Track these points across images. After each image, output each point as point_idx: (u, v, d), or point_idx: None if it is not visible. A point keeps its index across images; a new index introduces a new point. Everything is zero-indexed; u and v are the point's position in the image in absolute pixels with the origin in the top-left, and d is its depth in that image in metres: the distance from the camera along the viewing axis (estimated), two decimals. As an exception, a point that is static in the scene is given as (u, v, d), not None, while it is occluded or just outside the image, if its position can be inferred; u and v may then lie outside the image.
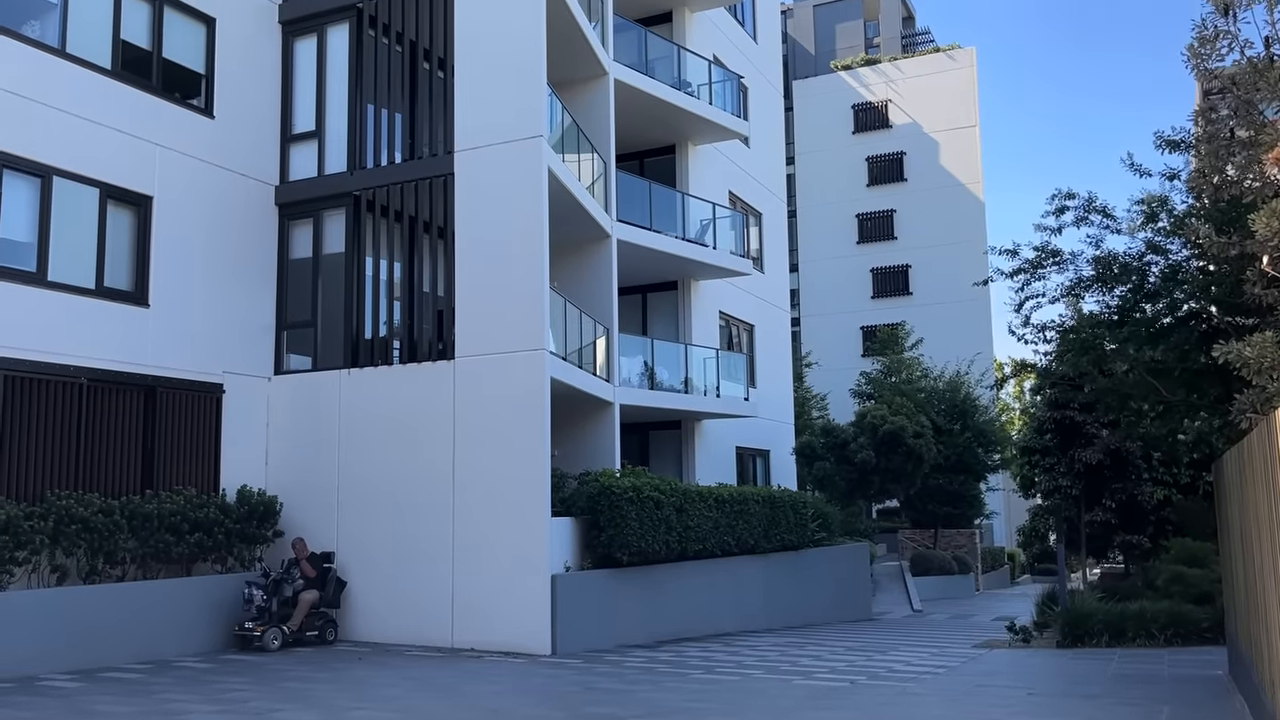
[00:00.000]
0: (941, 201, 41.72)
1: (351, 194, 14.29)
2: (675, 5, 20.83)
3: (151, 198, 12.94)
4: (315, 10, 14.88)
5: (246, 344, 14.05)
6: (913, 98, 42.78)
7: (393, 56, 14.55)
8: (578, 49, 15.91)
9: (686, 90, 19.34)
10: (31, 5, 12.00)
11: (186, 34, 13.74)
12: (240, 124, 14.27)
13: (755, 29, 25.07)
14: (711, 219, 19.88)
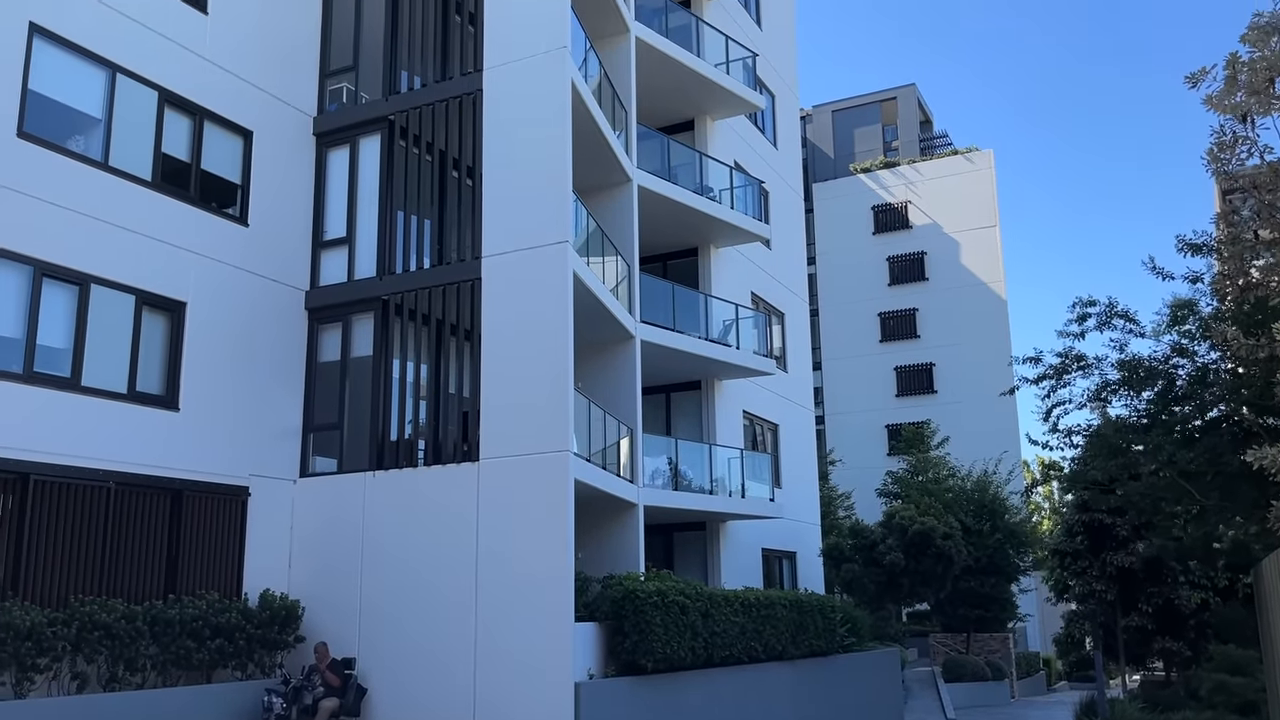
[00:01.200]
0: (963, 300, 41.88)
1: (380, 298, 14.52)
2: (697, 114, 21.37)
3: (185, 304, 13.21)
4: (348, 123, 15.37)
5: (273, 447, 14.14)
6: (932, 199, 43.35)
7: (422, 165, 14.95)
8: (602, 157, 16.30)
9: (708, 195, 19.70)
10: (77, 121, 12.47)
11: (225, 146, 14.21)
12: (273, 231, 14.62)
13: (775, 135, 25.63)
14: (734, 319, 20.03)
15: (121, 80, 12.82)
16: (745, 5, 24.61)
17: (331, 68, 15.88)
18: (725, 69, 20.84)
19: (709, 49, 20.58)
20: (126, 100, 12.88)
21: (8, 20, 11.54)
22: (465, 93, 14.67)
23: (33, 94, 11.77)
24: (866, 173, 44.98)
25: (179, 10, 13.68)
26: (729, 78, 20.61)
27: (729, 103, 21.09)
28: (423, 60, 15.32)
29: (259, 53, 14.83)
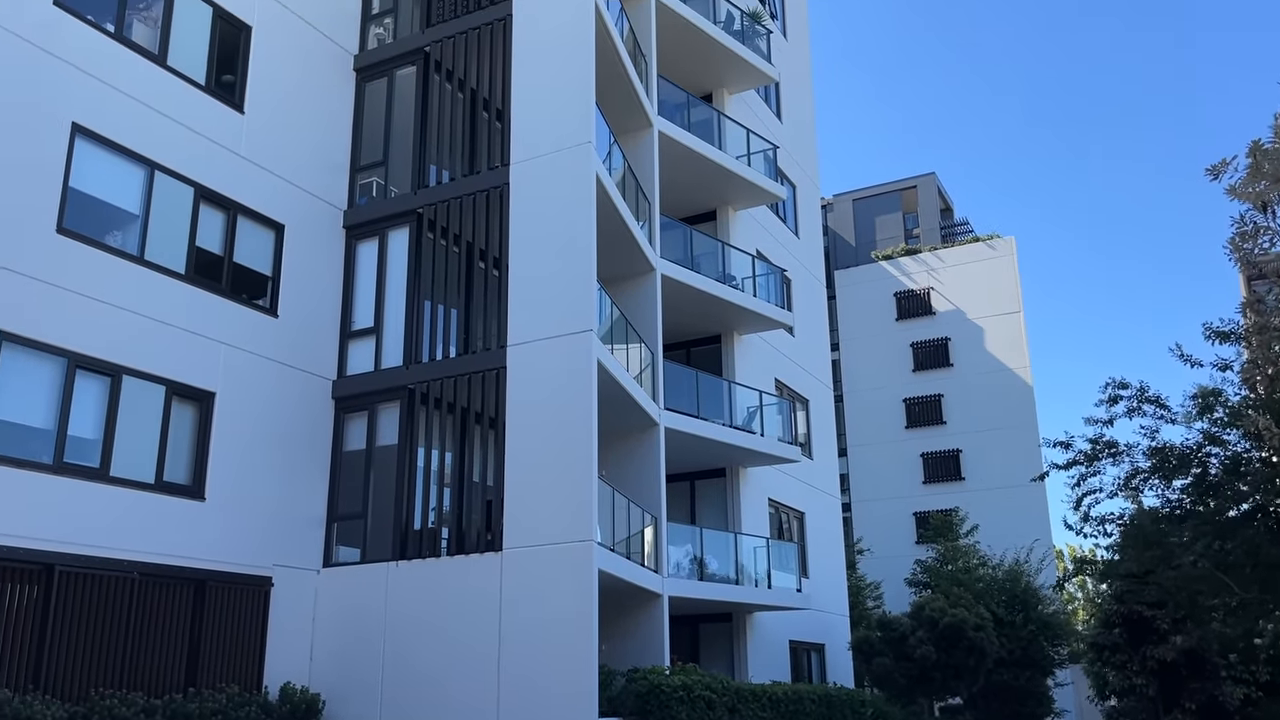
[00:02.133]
0: (989, 386, 41.63)
1: (406, 387, 14.63)
2: (719, 204, 21.69)
3: (214, 394, 13.36)
4: (378, 216, 15.71)
5: (297, 536, 14.12)
6: (954, 285, 43.46)
7: (450, 256, 15.20)
8: (626, 247, 16.53)
9: (731, 283, 19.87)
10: (115, 217, 12.81)
11: (257, 240, 14.53)
12: (302, 322, 14.84)
13: (797, 224, 25.92)
14: (758, 406, 19.99)
15: (159, 177, 13.20)
16: (766, 99, 25.15)
17: (362, 163, 16.30)
18: (746, 161, 21.21)
19: (730, 142, 20.98)
20: (164, 196, 13.24)
21: (52, 121, 11.96)
22: (492, 186, 14.98)
23: (73, 191, 12.13)
24: (888, 259, 45.24)
25: (217, 110, 14.14)
26: (750, 169, 20.96)
27: (751, 193, 21.41)
28: (451, 155, 15.70)
29: (293, 149, 15.25)
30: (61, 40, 12.17)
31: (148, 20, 13.60)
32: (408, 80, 16.33)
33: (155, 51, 13.46)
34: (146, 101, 13.13)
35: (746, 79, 22.35)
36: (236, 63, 14.68)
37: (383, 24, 17.04)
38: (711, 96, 22.38)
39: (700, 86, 22.23)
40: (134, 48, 13.14)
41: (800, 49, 28.33)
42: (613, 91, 16.86)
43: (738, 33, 22.05)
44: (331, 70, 16.25)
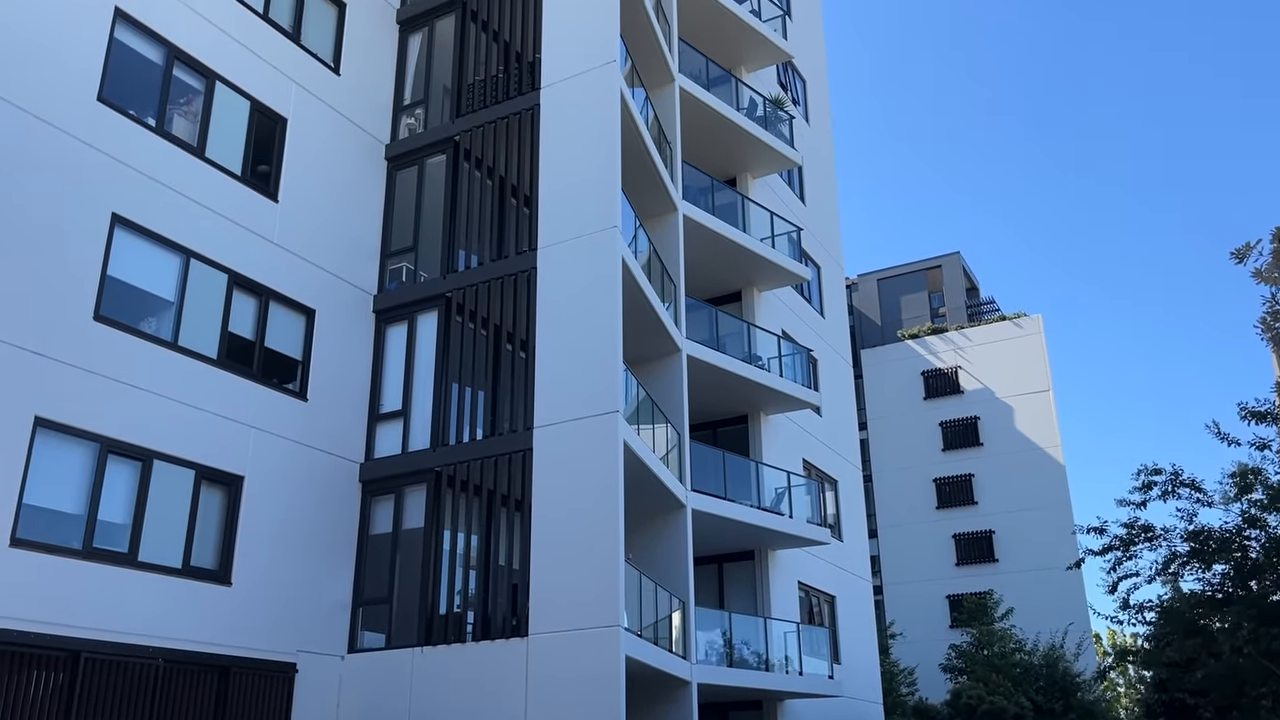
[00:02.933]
0: (1021, 466, 41.09)
1: (433, 470, 14.64)
2: (744, 285, 21.83)
3: (243, 478, 13.43)
4: (407, 300, 15.92)
5: (322, 621, 14.02)
6: (982, 364, 43.24)
7: (478, 339, 15.34)
8: (652, 328, 16.62)
9: (757, 364, 19.88)
10: (151, 304, 13.07)
11: (288, 325, 14.75)
12: (331, 405, 14.96)
13: (822, 304, 26.00)
14: (786, 487, 19.81)
15: (195, 265, 13.49)
16: (789, 182, 25.47)
17: (393, 248, 16.59)
18: (771, 243, 21.40)
19: (755, 224, 21.21)
20: (198, 283, 13.51)
21: (93, 211, 12.30)
22: (520, 270, 15.17)
23: (111, 279, 12.41)
24: (915, 338, 45.17)
25: (252, 199, 14.50)
26: (774, 251, 21.13)
27: (775, 275, 21.55)
28: (479, 240, 15.96)
29: (325, 236, 15.56)
30: (104, 134, 12.58)
31: (188, 114, 14.05)
32: (438, 168, 16.70)
33: (194, 144, 13.88)
34: (184, 192, 13.49)
35: (770, 163, 22.68)
36: (272, 153, 15.09)
37: (414, 114, 17.51)
38: (736, 180, 22.70)
39: (724, 171, 22.57)
40: (174, 140, 13.56)
41: (823, 133, 28.76)
42: (638, 177, 17.14)
43: (760, 119, 22.44)
44: (364, 159, 16.65)
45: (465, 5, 17.29)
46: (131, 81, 13.21)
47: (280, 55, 15.44)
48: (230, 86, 14.54)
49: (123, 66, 13.10)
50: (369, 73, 17.12)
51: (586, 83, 15.56)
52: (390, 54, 17.67)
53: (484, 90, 16.73)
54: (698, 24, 22.14)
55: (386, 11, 17.79)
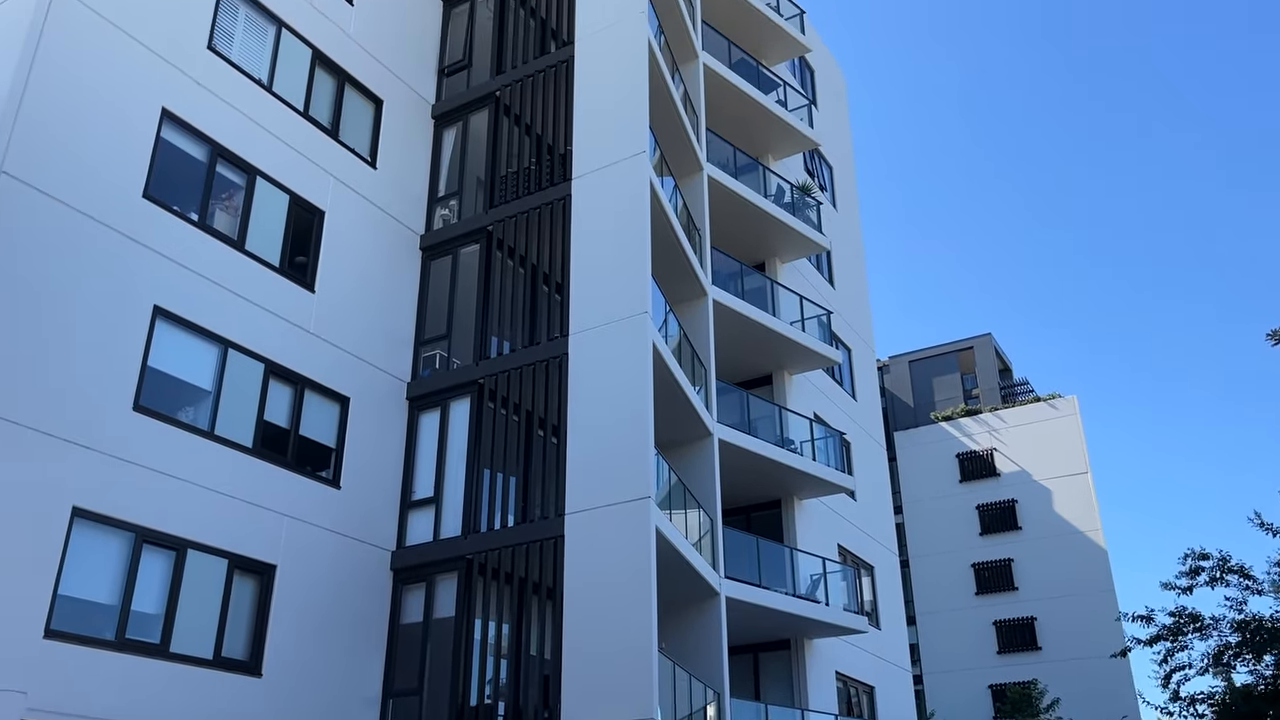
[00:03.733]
0: (1061, 550, 40.20)
1: (465, 557, 14.56)
2: (775, 369, 21.83)
3: (275, 567, 13.41)
4: (440, 387, 16.05)
5: (352, 714, 13.82)
6: (1018, 446, 42.68)
7: (509, 425, 15.38)
8: (683, 412, 16.61)
9: (790, 448, 19.76)
10: (189, 393, 13.25)
11: (322, 412, 14.88)
12: (363, 493, 14.99)
13: (854, 387, 25.92)
14: (822, 574, 19.49)
15: (233, 355, 13.71)
16: (818, 266, 25.64)
17: (426, 336, 16.78)
18: (801, 326, 21.45)
19: (784, 308, 21.30)
20: (235, 373, 13.71)
21: (136, 304, 12.57)
22: (551, 356, 15.28)
23: (151, 370, 12.62)
24: (948, 420, 44.76)
25: (289, 289, 14.78)
26: (804, 335, 21.17)
27: (806, 358, 21.55)
28: (512, 327, 16.12)
29: (360, 325, 15.79)
30: (149, 229, 12.94)
31: (229, 208, 14.44)
32: (471, 257, 16.98)
33: (235, 237, 14.23)
34: (224, 283, 13.78)
35: (798, 248, 22.87)
36: (310, 244, 15.43)
37: (448, 205, 17.88)
38: (765, 265, 22.89)
39: (753, 256, 22.78)
40: (215, 234, 13.91)
41: (850, 217, 29.03)
42: (668, 263, 17.33)
43: (788, 205, 22.72)
44: (399, 249, 16.98)
45: (499, 100, 17.78)
46: (176, 178, 13.63)
47: (319, 150, 15.89)
48: (271, 181, 14.95)
49: (168, 164, 13.53)
50: (405, 166, 17.56)
51: (617, 173, 15.86)
52: (425, 147, 18.14)
53: (517, 181, 17.09)
54: (725, 114, 22.60)
55: (422, 107, 18.31)
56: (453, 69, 18.85)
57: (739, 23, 24.10)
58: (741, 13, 23.93)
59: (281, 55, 15.69)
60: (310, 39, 16.23)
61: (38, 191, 11.77)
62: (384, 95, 17.45)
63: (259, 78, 15.18)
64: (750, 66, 23.33)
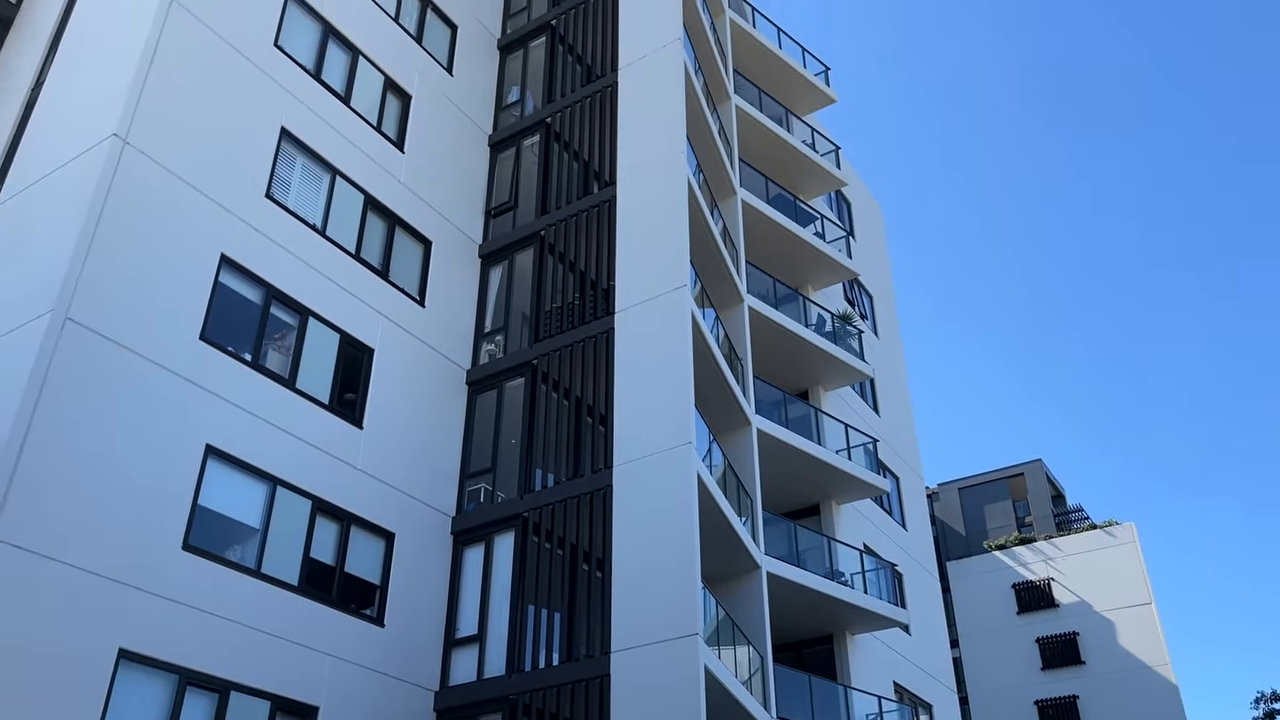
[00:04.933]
0: (1128, 686, 38.34)
1: (508, 698, 14.22)
2: (822, 498, 21.55)
3: (317, 709, 13.18)
4: (485, 521, 16.01)
5: None
6: (1076, 576, 41.30)
7: (554, 560, 15.23)
8: (729, 545, 16.37)
9: (840, 580, 19.32)
10: (237, 532, 13.34)
11: (367, 549, 14.87)
12: (407, 631, 14.81)
13: (903, 516, 25.46)
14: (878, 714, 18.76)
15: (281, 492, 13.84)
16: (862, 394, 25.58)
17: (471, 470, 16.85)
18: (846, 455, 21.26)
19: (829, 437, 21.17)
20: (283, 510, 13.81)
21: (188, 445, 12.80)
22: (596, 489, 15.24)
23: (200, 509, 12.76)
24: (1002, 549, 43.54)
25: (338, 426, 14.99)
26: (850, 463, 20.96)
27: (853, 487, 21.27)
28: (556, 460, 16.15)
29: (406, 460, 15.91)
30: (204, 370, 13.28)
31: (281, 348, 14.82)
32: (516, 391, 17.17)
33: (286, 375, 14.55)
34: (275, 422, 14.03)
35: (841, 376, 22.87)
36: (359, 381, 15.72)
37: (494, 340, 18.21)
38: (808, 394, 22.87)
39: (796, 385, 22.80)
40: (268, 373, 14.24)
41: (892, 344, 29.08)
42: (711, 393, 17.39)
43: (829, 334, 22.85)
44: (445, 384, 17.23)
45: (543, 239, 18.28)
46: (232, 320, 14.06)
47: (370, 290, 16.35)
48: (322, 321, 15.36)
49: (225, 307, 13.98)
50: (452, 303, 17.99)
51: (659, 306, 16.12)
52: (472, 285, 18.60)
53: (560, 316, 17.41)
54: (764, 246, 23.01)
55: (469, 247, 18.87)
56: (499, 210, 19.49)
57: (776, 160, 24.79)
58: (779, 150, 24.63)
59: (335, 201, 16.35)
60: (363, 185, 16.91)
61: (100, 336, 12.18)
62: (433, 236, 18.03)
63: (313, 223, 15.78)
64: (788, 201, 23.87)
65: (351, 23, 17.79)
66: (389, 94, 18.27)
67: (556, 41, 20.59)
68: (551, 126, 19.42)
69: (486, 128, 20.38)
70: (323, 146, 16.32)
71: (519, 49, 21.29)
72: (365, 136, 17.26)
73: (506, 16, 22.04)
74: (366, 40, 18.00)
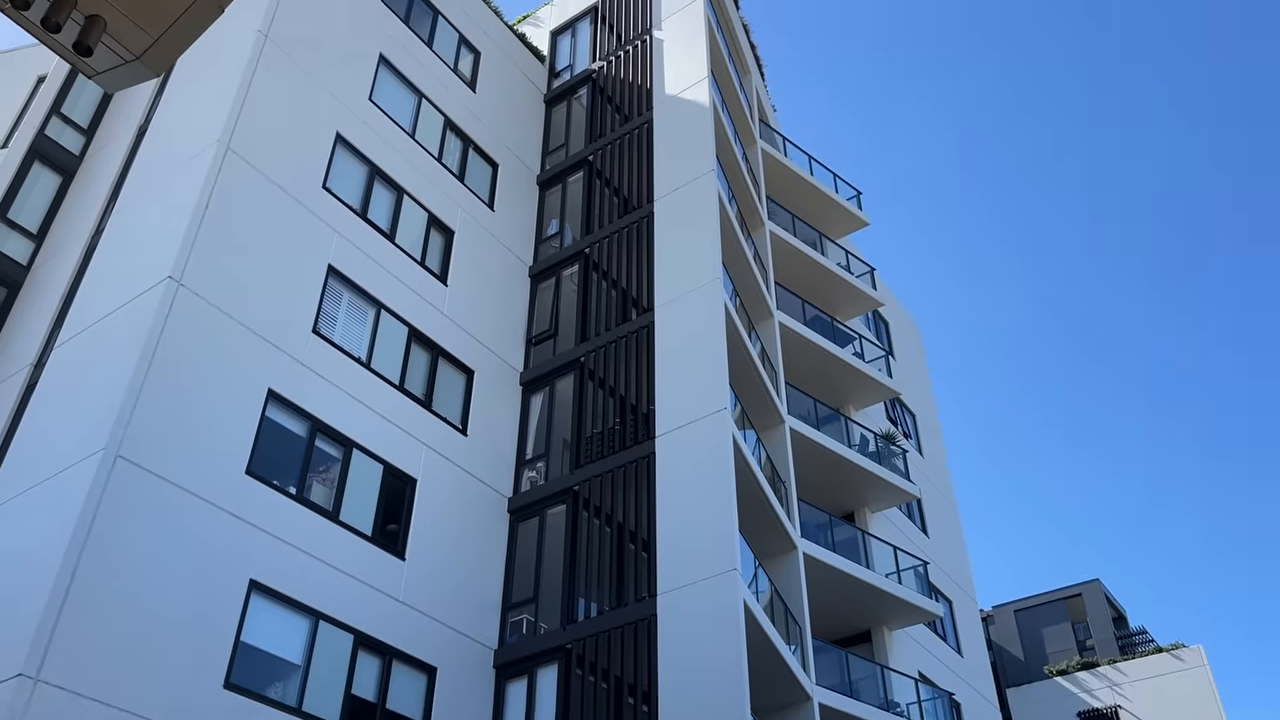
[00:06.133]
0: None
1: (553, 843, 13.68)
2: (873, 625, 20.93)
3: None
4: (527, 654, 15.71)
5: None
6: (1144, 702, 39.38)
7: (598, 694, 14.83)
8: (779, 675, 15.88)
9: (895, 712, 18.60)
10: (278, 668, 13.19)
11: (409, 684, 14.60)
12: (450, 770, 14.39)
13: (958, 641, 24.63)
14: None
15: (323, 627, 13.71)
16: (909, 515, 25.11)
17: (514, 600, 16.63)
18: (896, 578, 20.74)
19: (878, 560, 20.71)
20: (325, 646, 13.65)
21: (232, 579, 12.80)
22: (639, 618, 14.94)
23: (243, 645, 12.66)
24: (1064, 675, 41.74)
25: (380, 558, 14.94)
26: (901, 587, 20.42)
27: (905, 612, 20.67)
28: (599, 588, 15.91)
29: (448, 591, 15.75)
30: (249, 505, 13.38)
31: (325, 480, 14.92)
32: (558, 518, 17.07)
33: (330, 508, 14.61)
34: (318, 555, 14.02)
35: (887, 497, 22.52)
36: (401, 512, 15.73)
37: (535, 467, 18.22)
38: (854, 516, 22.50)
39: (841, 507, 22.46)
40: (311, 506, 14.32)
41: (938, 463, 28.67)
42: (755, 517, 17.17)
43: (873, 454, 22.60)
44: (487, 513, 17.18)
45: (583, 365, 18.47)
46: (277, 454, 14.23)
47: (413, 421, 16.52)
48: (366, 453, 15.49)
49: (271, 441, 14.17)
50: (494, 431, 18.10)
51: (699, 429, 16.09)
52: (514, 413, 18.74)
53: (601, 441, 17.42)
54: (803, 367, 23.03)
55: (510, 375, 19.09)
56: (539, 338, 19.78)
57: (812, 282, 25.05)
58: (814, 273, 24.91)
59: (380, 334, 16.70)
60: (407, 318, 17.29)
61: (149, 473, 12.37)
62: (475, 366, 18.29)
63: (359, 356, 16.10)
64: (825, 322, 24.00)
65: (397, 163, 18.51)
66: (432, 229, 18.84)
67: (594, 175, 21.24)
68: (590, 256, 19.85)
69: (527, 259, 20.88)
70: (368, 282, 16.77)
71: (557, 183, 21.98)
72: (409, 271, 17.73)
73: (545, 153, 22.83)
74: (411, 179, 18.69)
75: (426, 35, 20.94)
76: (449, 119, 20.43)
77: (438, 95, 20.36)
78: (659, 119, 20.97)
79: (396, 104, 19.22)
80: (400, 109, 19.26)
